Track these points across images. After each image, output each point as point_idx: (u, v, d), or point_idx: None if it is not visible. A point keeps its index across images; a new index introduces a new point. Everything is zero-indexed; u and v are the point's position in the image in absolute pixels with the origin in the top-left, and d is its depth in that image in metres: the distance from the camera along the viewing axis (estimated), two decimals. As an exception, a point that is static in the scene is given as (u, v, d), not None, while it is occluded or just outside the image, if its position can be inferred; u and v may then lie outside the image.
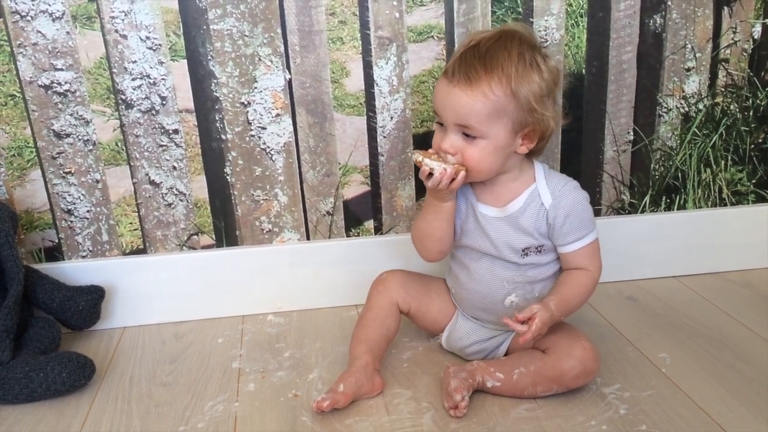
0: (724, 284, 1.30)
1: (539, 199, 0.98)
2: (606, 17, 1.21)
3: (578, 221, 0.97)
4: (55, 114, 1.14)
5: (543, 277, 1.01)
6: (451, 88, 0.93)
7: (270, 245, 1.25)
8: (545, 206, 0.98)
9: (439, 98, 0.95)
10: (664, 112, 1.27)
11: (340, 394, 0.95)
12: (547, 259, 1.00)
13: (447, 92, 0.93)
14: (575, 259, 0.99)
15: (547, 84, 0.94)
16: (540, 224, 0.98)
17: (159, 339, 1.20)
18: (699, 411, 0.94)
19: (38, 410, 1.00)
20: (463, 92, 0.92)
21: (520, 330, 0.92)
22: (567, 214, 0.97)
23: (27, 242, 1.20)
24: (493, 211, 1.00)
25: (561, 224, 0.97)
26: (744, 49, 1.26)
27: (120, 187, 1.19)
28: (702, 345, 1.10)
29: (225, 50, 1.14)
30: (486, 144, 0.93)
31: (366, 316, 1.07)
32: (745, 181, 1.32)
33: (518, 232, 0.99)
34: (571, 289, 0.98)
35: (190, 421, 0.96)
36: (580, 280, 0.98)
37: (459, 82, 0.92)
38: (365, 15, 1.16)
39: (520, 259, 0.99)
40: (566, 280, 0.99)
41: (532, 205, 0.99)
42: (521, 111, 0.93)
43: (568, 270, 1.00)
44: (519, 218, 0.99)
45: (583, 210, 0.98)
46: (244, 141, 1.19)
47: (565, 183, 0.99)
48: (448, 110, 0.94)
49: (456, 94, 0.92)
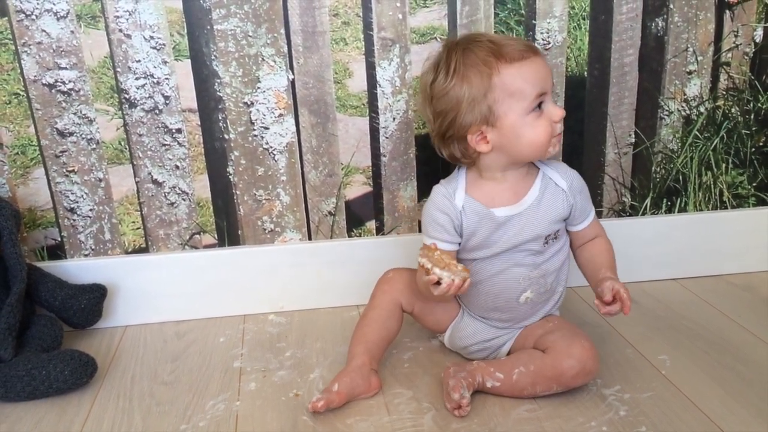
0: (724, 287, 1.31)
1: (553, 183, 1.02)
2: (608, 20, 1.21)
3: (587, 195, 1.05)
4: (59, 112, 1.14)
5: (555, 268, 1.03)
6: (538, 59, 0.95)
7: (272, 245, 1.25)
8: (562, 188, 1.01)
9: (540, 73, 0.95)
10: (665, 114, 1.28)
11: (334, 393, 0.95)
12: (560, 245, 1.03)
13: (538, 65, 0.95)
14: (591, 231, 1.05)
15: None
16: (561, 206, 1.01)
17: (161, 338, 1.20)
18: (699, 413, 0.94)
19: (40, 408, 1.00)
20: (542, 58, 0.96)
21: (615, 311, 0.95)
22: (580, 191, 1.03)
23: (30, 240, 1.20)
24: (510, 210, 1.00)
25: (579, 202, 1.03)
26: (745, 52, 1.26)
27: (123, 186, 1.20)
28: (702, 347, 1.10)
29: (228, 50, 1.15)
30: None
31: (368, 315, 1.07)
32: (745, 185, 1.32)
33: (541, 222, 1.00)
34: (607, 255, 1.04)
35: (191, 420, 0.97)
36: (606, 245, 1.06)
37: (535, 51, 0.96)
38: (368, 16, 1.16)
39: (542, 248, 1.01)
40: (597, 251, 1.05)
41: (548, 191, 1.01)
42: None
43: (587, 243, 1.05)
44: (539, 207, 1.00)
45: (585, 184, 1.05)
46: (247, 141, 1.20)
47: (564, 165, 1.06)
48: (549, 78, 0.96)
49: (542, 63, 0.96)
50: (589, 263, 1.04)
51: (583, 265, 1.06)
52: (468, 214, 1.00)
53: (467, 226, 1.00)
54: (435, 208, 1.01)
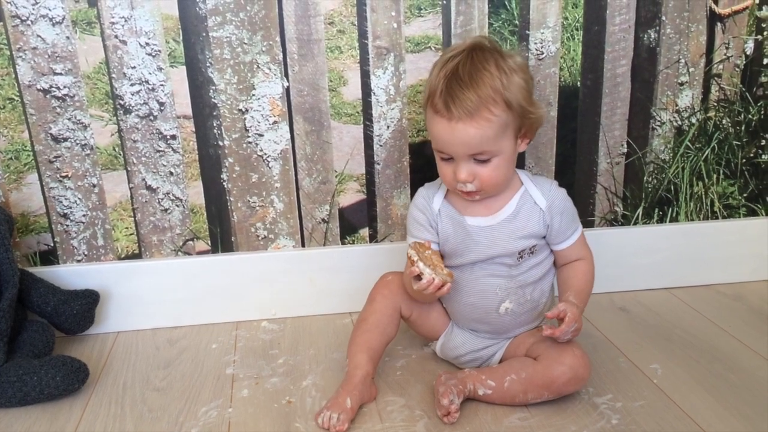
0: (715, 296, 1.31)
1: (531, 201, 1.01)
2: (601, 31, 1.23)
3: (570, 216, 1.03)
4: (53, 118, 1.14)
5: (534, 279, 1.02)
6: (454, 125, 0.93)
7: (265, 252, 1.26)
8: (540, 207, 1.01)
9: (443, 138, 0.95)
10: (657, 125, 1.29)
11: (349, 409, 0.95)
12: (538, 260, 1.02)
13: (451, 130, 0.94)
14: (573, 252, 1.03)
15: (526, 79, 0.97)
16: (536, 225, 1.00)
17: (153, 344, 1.20)
18: (690, 421, 0.95)
19: (31, 414, 1.00)
20: (468, 125, 0.93)
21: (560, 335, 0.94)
22: (561, 212, 1.01)
23: (22, 245, 1.20)
24: (483, 221, 1.01)
25: (559, 222, 1.01)
26: (736, 64, 1.27)
27: (116, 192, 1.20)
28: (693, 356, 1.11)
29: (224, 57, 1.15)
30: (498, 160, 0.96)
31: (369, 320, 1.06)
32: (736, 195, 1.34)
33: (512, 237, 1.00)
34: (581, 279, 1.03)
35: (183, 427, 0.96)
36: (584, 269, 1.04)
37: (460, 117, 0.93)
38: (363, 25, 1.17)
39: (515, 262, 1.01)
40: (573, 274, 1.03)
41: (525, 208, 1.01)
42: (517, 117, 0.96)
43: (567, 264, 1.04)
44: (512, 223, 1.00)
45: (571, 205, 1.04)
46: (241, 147, 1.20)
47: (550, 183, 1.04)
48: (457, 146, 0.95)
49: (462, 130, 0.93)
50: (562, 285, 1.04)
51: (558, 285, 1.06)
52: (443, 218, 1.03)
53: (442, 229, 1.03)
54: (415, 207, 1.06)
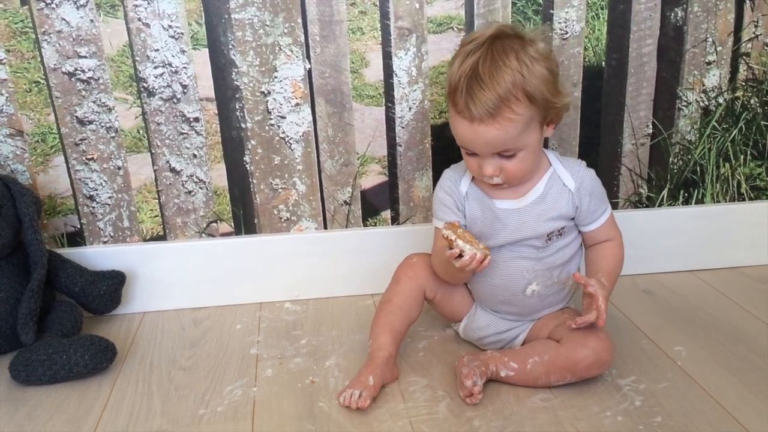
0: (740, 279, 1.30)
1: (560, 182, 1.01)
2: (627, 9, 1.21)
3: (599, 197, 1.03)
4: (79, 101, 1.15)
5: (562, 261, 1.02)
6: (477, 127, 0.93)
7: (288, 234, 1.26)
8: (569, 188, 1.00)
9: (466, 138, 0.95)
10: (683, 105, 1.27)
11: (371, 387, 0.96)
12: (566, 241, 1.02)
13: (474, 132, 0.93)
14: (602, 233, 1.03)
15: (549, 68, 0.95)
16: (565, 207, 1.00)
17: (178, 324, 1.21)
18: (714, 403, 0.94)
19: (60, 392, 1.02)
20: (490, 127, 0.92)
21: (586, 322, 0.93)
22: (591, 193, 1.01)
23: (50, 227, 1.22)
24: (511, 204, 1.01)
25: (588, 203, 1.01)
26: (765, 43, 1.25)
27: (141, 174, 1.21)
28: (717, 338, 1.10)
29: (246, 39, 1.15)
30: (524, 153, 0.96)
31: (393, 301, 1.06)
32: (763, 176, 1.31)
33: (541, 219, 1.00)
34: (610, 261, 1.03)
35: (209, 405, 0.98)
36: (614, 251, 1.04)
37: (482, 119, 0.92)
38: (385, 5, 1.16)
39: (544, 244, 1.00)
40: (602, 254, 1.03)
41: (554, 189, 1.00)
42: (541, 109, 0.95)
43: (597, 245, 1.04)
44: (540, 204, 1.00)
45: (600, 185, 1.03)
46: (264, 130, 1.20)
47: (579, 164, 1.03)
48: (481, 145, 0.94)
49: (485, 131, 0.92)
50: (591, 266, 1.04)
51: (587, 265, 1.05)
52: (471, 200, 1.03)
53: (469, 212, 1.03)
54: (441, 190, 1.05)
